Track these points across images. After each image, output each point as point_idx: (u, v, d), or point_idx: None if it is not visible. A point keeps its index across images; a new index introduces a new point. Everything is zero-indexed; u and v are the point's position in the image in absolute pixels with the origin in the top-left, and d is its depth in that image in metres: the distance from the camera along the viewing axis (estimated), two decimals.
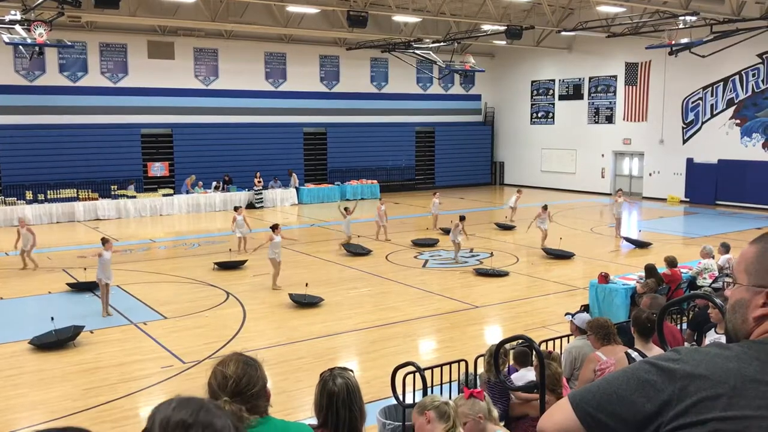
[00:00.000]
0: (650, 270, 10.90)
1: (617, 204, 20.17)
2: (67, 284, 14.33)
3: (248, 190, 27.32)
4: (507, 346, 6.21)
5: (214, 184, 26.90)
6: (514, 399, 5.88)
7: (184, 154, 27.40)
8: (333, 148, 31.22)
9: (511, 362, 6.51)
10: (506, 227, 21.51)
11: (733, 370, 1.39)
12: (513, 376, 6.16)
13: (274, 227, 14.44)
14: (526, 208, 23.50)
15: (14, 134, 24.27)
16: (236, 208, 18.58)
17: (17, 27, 18.86)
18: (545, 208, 18.54)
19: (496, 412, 4.00)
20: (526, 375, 6.15)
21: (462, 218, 17.11)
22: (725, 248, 12.55)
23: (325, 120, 30.95)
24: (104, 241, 12.43)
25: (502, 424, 4.88)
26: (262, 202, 27.30)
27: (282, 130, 29.70)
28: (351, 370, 3.26)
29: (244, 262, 16.18)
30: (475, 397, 3.89)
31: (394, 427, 6.50)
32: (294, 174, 28.91)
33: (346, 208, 18.77)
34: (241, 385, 2.46)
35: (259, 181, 27.37)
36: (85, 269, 14.58)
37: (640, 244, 18.29)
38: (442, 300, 13.29)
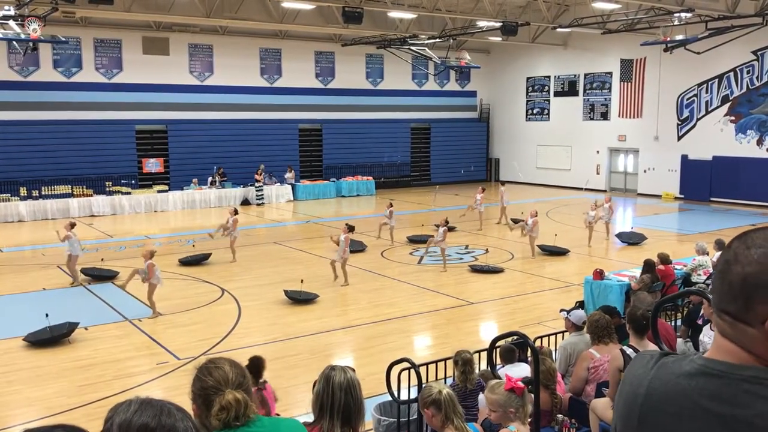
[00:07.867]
0: (649, 266, 10.83)
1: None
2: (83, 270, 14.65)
3: (244, 187, 27.25)
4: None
5: (209, 179, 26.85)
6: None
7: (178, 151, 27.33)
8: (328, 144, 31.18)
9: (498, 359, 6.50)
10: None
11: (640, 396, 1.22)
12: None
13: (349, 228, 14.22)
14: (520, 204, 23.50)
15: (8, 130, 24.16)
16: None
17: (11, 22, 18.79)
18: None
19: (529, 408, 4.02)
20: (508, 372, 6.14)
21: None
22: (719, 245, 12.54)
23: (320, 116, 30.90)
24: (151, 254, 12.28)
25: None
26: (262, 198, 27.15)
27: (277, 127, 29.65)
28: (353, 369, 3.30)
29: (208, 256, 16.38)
30: (514, 391, 3.89)
31: (389, 423, 6.51)
32: (293, 170, 28.91)
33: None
34: (239, 379, 2.51)
35: (261, 177, 27.10)
36: (102, 259, 15.77)
37: (633, 240, 18.31)
38: (437, 296, 13.31)
